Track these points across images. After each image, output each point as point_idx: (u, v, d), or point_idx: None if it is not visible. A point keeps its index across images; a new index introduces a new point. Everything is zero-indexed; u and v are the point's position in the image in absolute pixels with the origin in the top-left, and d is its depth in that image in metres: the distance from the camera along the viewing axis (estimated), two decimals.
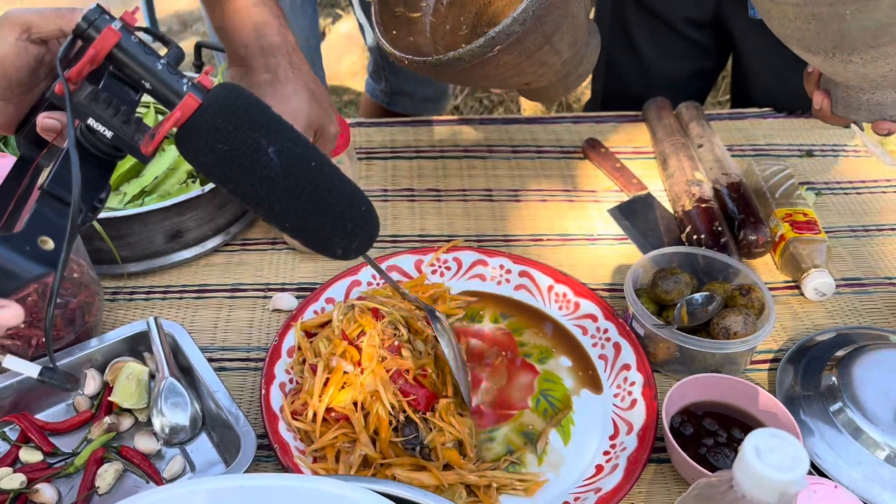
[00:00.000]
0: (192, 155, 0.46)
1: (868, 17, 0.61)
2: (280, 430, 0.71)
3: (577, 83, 0.93)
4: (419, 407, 0.71)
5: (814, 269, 0.88)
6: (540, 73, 0.84)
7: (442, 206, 1.03)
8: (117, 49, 0.43)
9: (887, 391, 0.73)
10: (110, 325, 0.84)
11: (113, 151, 0.46)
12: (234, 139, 0.44)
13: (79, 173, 0.41)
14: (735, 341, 0.75)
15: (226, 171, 0.45)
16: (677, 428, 0.71)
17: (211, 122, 0.44)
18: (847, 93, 0.76)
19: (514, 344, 0.83)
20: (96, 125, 0.44)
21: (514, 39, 0.74)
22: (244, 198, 0.47)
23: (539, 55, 0.80)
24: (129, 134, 0.44)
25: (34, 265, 0.42)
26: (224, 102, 0.45)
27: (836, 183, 1.09)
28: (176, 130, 0.45)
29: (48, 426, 0.72)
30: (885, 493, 0.67)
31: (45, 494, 0.66)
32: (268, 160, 0.45)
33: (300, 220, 0.48)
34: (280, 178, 0.46)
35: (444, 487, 0.67)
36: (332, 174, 0.49)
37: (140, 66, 0.44)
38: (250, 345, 0.83)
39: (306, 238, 0.50)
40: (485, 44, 0.74)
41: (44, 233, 0.42)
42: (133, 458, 0.70)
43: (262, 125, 0.45)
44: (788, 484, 0.39)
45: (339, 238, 0.50)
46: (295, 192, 0.47)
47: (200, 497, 0.49)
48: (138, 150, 0.45)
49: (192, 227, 0.89)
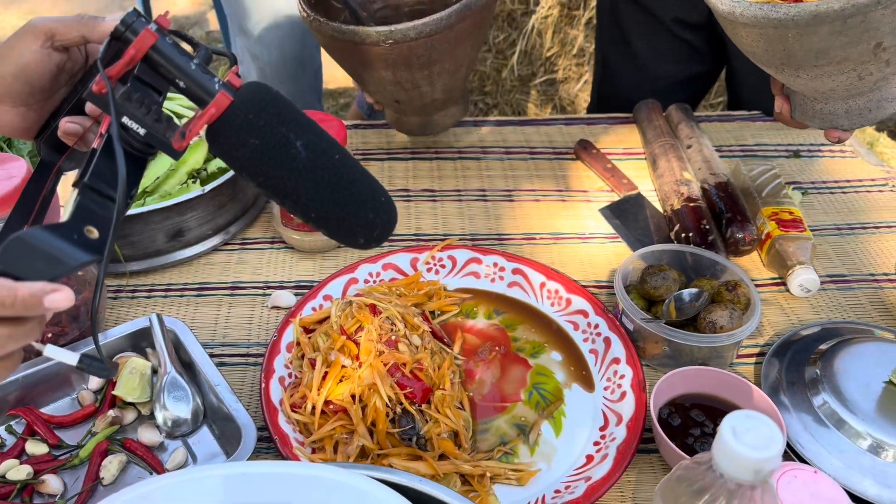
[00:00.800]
0: (225, 150, 0.48)
1: (808, 40, 0.66)
2: (280, 422, 0.73)
3: (432, 130, 1.08)
4: (415, 399, 0.73)
5: (799, 266, 0.90)
6: (411, 95, 0.97)
7: (437, 206, 1.05)
8: (153, 50, 0.45)
9: (869, 383, 0.75)
10: (113, 322, 0.86)
11: (145, 148, 0.47)
12: (265, 133, 0.46)
13: (124, 167, 0.43)
14: (721, 335, 0.78)
15: (257, 165, 0.47)
16: (666, 419, 0.73)
17: (243, 118, 0.46)
18: (803, 100, 0.79)
19: (508, 339, 0.85)
20: (130, 123, 0.46)
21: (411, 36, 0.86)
22: (273, 190, 0.49)
23: (416, 75, 0.92)
24: (161, 131, 0.46)
25: (81, 252, 0.44)
26: (254, 99, 0.47)
27: (821, 182, 1.11)
28: (207, 128, 0.47)
29: (53, 419, 0.74)
30: (866, 481, 0.69)
31: (50, 485, 0.68)
32: (296, 153, 0.47)
33: (325, 211, 0.50)
34: (307, 170, 0.48)
35: (439, 476, 0.69)
36: (355, 167, 0.51)
37: (174, 66, 0.46)
38: (250, 341, 0.85)
39: (330, 227, 0.52)
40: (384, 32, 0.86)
41: (88, 223, 0.44)
42: (136, 450, 0.72)
43: (290, 120, 0.48)
44: (763, 462, 0.41)
45: (362, 227, 0.52)
46: (321, 183, 0.49)
47: (210, 482, 0.50)
48: (170, 145, 0.47)
49: (192, 226, 0.91)
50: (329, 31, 0.90)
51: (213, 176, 0.96)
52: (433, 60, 0.91)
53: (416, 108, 1.01)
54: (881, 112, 0.78)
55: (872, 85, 0.73)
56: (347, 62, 0.95)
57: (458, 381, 0.79)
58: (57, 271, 0.43)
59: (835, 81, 0.71)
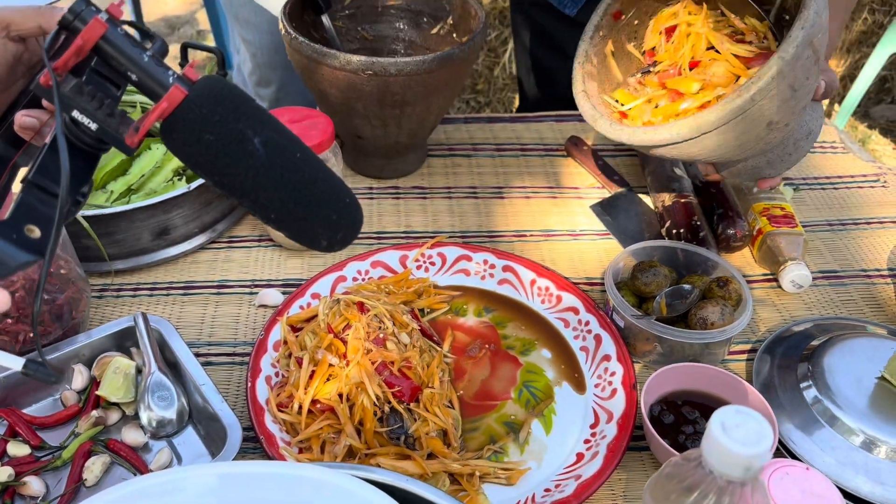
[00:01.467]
0: (179, 146, 0.46)
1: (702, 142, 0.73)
2: (266, 421, 0.72)
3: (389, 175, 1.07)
4: (404, 398, 0.72)
5: (791, 262, 0.89)
6: (376, 133, 0.98)
7: (427, 203, 1.04)
8: (103, 41, 0.44)
9: (861, 379, 0.75)
10: (98, 321, 0.85)
11: (97, 144, 0.46)
12: (220, 129, 0.45)
13: (67, 162, 0.41)
14: (712, 331, 0.77)
15: (212, 162, 0.46)
16: (657, 417, 0.72)
17: (197, 112, 0.45)
18: (726, 163, 0.83)
19: (498, 336, 0.84)
20: (81, 117, 0.44)
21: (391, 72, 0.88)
22: (230, 189, 0.48)
23: (385, 112, 0.94)
24: (114, 126, 0.45)
25: (21, 252, 0.42)
26: (209, 93, 0.45)
27: (813, 178, 1.11)
28: (161, 123, 0.46)
29: (36, 420, 0.73)
30: (859, 478, 0.68)
31: (32, 487, 0.67)
32: (253, 150, 0.46)
33: (285, 211, 0.49)
34: (266, 168, 0.46)
35: (427, 476, 0.68)
36: (317, 166, 0.50)
37: (126, 57, 0.45)
38: (237, 340, 0.84)
39: (291, 229, 0.51)
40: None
41: (30, 221, 0.43)
42: (120, 450, 0.71)
43: (248, 116, 0.46)
44: (753, 458, 0.40)
45: (324, 229, 0.51)
46: (280, 182, 0.47)
47: (194, 483, 0.49)
48: (123, 141, 0.46)
49: (178, 224, 0.90)
50: (309, 51, 0.89)
51: None
52: (406, 101, 0.91)
53: (378, 147, 1.01)
54: (801, 152, 0.81)
55: (782, 138, 0.74)
56: (319, 86, 0.94)
57: (448, 380, 0.78)
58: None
59: (744, 152, 0.75)
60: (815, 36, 0.68)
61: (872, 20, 2.87)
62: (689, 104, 0.79)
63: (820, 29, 0.68)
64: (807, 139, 0.81)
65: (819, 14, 0.68)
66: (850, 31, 2.90)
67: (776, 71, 0.67)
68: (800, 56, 0.67)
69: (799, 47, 0.67)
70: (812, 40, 0.67)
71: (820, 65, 0.71)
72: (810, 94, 0.73)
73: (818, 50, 0.69)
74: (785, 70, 0.67)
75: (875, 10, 2.90)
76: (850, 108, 2.26)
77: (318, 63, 0.89)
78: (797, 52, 0.67)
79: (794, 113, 0.73)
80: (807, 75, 0.70)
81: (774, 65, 0.67)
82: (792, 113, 0.72)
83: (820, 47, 0.70)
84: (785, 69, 0.67)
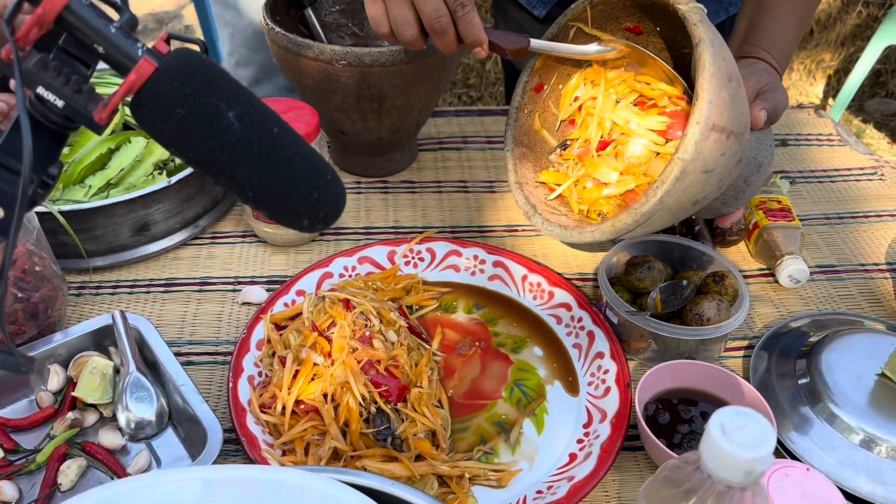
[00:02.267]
0: (149, 121, 0.44)
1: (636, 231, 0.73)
2: (248, 423, 0.69)
3: (374, 173, 1.05)
4: (391, 398, 0.70)
5: (788, 256, 0.87)
6: (357, 128, 0.94)
7: (416, 197, 1.02)
8: (66, 11, 0.42)
9: (860, 375, 0.73)
10: (76, 320, 0.82)
11: (64, 122, 0.44)
12: (192, 103, 0.43)
13: (30, 138, 0.39)
14: (708, 327, 0.75)
15: (185, 137, 0.44)
16: (653, 416, 0.70)
17: (168, 85, 0.43)
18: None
19: (489, 334, 0.82)
20: (46, 94, 0.42)
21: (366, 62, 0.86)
22: (205, 167, 0.46)
23: (364, 106, 0.92)
24: (82, 103, 0.43)
25: None
26: (181, 66, 0.43)
27: (810, 171, 1.09)
28: (131, 98, 0.43)
29: (10, 422, 0.70)
30: (859, 477, 0.66)
31: (5, 492, 0.65)
32: (228, 124, 0.44)
33: (263, 189, 0.47)
34: (242, 143, 0.45)
35: (415, 478, 0.66)
36: (296, 141, 0.48)
37: (91, 29, 0.42)
38: (219, 338, 0.81)
39: (270, 208, 0.49)
40: None
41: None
42: (97, 453, 0.68)
43: (221, 89, 0.44)
44: (754, 462, 0.38)
45: (305, 208, 0.49)
46: (258, 158, 0.46)
47: (171, 487, 0.47)
48: (91, 118, 0.43)
49: (158, 219, 0.87)
50: (285, 41, 0.87)
51: (181, 167, 0.92)
52: (384, 94, 0.89)
53: (360, 143, 0.98)
54: (755, 186, 0.80)
55: (730, 183, 0.74)
56: (298, 78, 0.92)
57: (437, 378, 0.76)
58: None
59: (686, 215, 0.75)
60: (718, 117, 0.64)
61: (867, 13, 2.86)
62: (611, 190, 0.79)
63: (721, 108, 0.64)
64: (758, 173, 0.78)
65: (713, 102, 0.64)
66: (844, 24, 2.88)
67: (679, 171, 0.64)
68: (702, 149, 0.64)
69: (698, 143, 0.64)
70: (713, 125, 0.64)
71: (738, 129, 0.68)
72: (735, 158, 0.70)
73: (727, 125, 0.66)
74: (688, 167, 0.64)
75: (869, 3, 2.89)
76: (845, 102, 2.25)
77: (295, 54, 0.87)
78: (697, 147, 0.64)
79: (722, 180, 0.70)
80: (721, 152, 0.66)
81: (676, 167, 0.64)
82: (717, 186, 0.70)
83: (730, 120, 0.66)
84: (689, 167, 0.64)
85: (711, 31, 0.66)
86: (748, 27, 0.84)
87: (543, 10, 1.15)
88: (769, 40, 0.82)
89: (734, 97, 0.66)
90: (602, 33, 0.79)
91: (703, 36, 0.64)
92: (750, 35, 0.84)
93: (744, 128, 0.69)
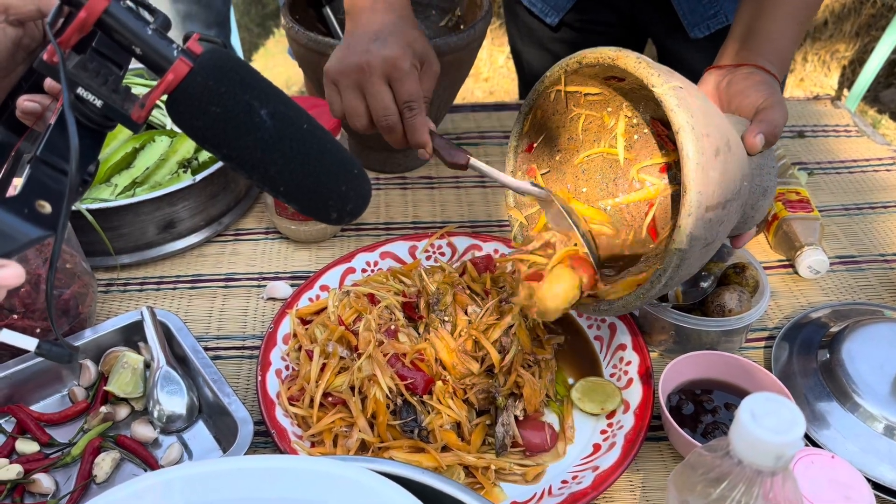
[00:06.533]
0: (185, 119, 0.45)
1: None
2: (277, 415, 0.70)
3: (392, 169, 1.04)
4: (416, 390, 0.71)
5: (807, 247, 0.88)
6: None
7: (435, 192, 1.03)
8: (106, 14, 0.43)
9: (883, 364, 0.73)
10: (104, 316, 0.84)
11: (103, 121, 0.45)
12: (227, 101, 0.44)
13: (76, 137, 0.41)
14: (731, 318, 0.75)
15: (219, 135, 0.45)
16: (676, 406, 0.71)
17: (203, 85, 0.44)
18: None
19: None
20: (86, 94, 0.44)
21: None
22: (239, 162, 0.47)
23: None
24: (119, 102, 0.44)
25: (33, 227, 0.41)
26: (215, 65, 0.44)
27: (827, 163, 1.09)
28: (167, 97, 0.45)
29: (44, 417, 0.72)
30: (883, 465, 0.67)
31: (42, 484, 0.66)
32: (261, 122, 0.45)
33: (295, 183, 0.48)
34: (274, 140, 0.46)
35: (442, 469, 0.67)
36: (325, 137, 0.49)
37: (129, 31, 0.44)
38: (245, 333, 0.83)
39: (301, 202, 0.50)
40: None
41: (41, 197, 0.42)
42: (130, 446, 0.70)
43: (254, 87, 0.45)
44: (785, 446, 0.39)
45: (334, 200, 0.50)
46: (289, 154, 0.47)
47: (203, 478, 0.48)
48: (129, 117, 0.45)
49: (184, 217, 0.89)
50: (306, 40, 0.89)
51: (205, 165, 0.93)
52: None
53: (379, 139, 0.98)
54: (763, 209, 0.76)
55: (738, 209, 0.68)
56: (318, 75, 0.92)
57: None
58: (7, 247, 0.41)
59: (705, 258, 0.69)
60: (709, 199, 0.59)
61: (882, 3, 2.84)
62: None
63: (712, 189, 0.59)
64: (764, 197, 0.75)
65: (701, 191, 0.58)
66: (859, 14, 2.86)
67: (678, 260, 0.60)
68: (697, 234, 0.59)
69: (693, 232, 0.59)
70: (705, 208, 0.59)
71: (734, 194, 0.63)
72: (738, 214, 0.66)
73: (721, 200, 0.61)
74: (687, 253, 0.60)
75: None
76: (860, 93, 2.24)
77: (316, 52, 0.88)
78: (692, 235, 0.59)
79: (727, 231, 0.66)
80: (719, 222, 0.62)
81: (675, 257, 0.60)
82: (724, 235, 0.65)
83: (724, 193, 0.61)
84: (687, 253, 0.60)
85: (689, 112, 0.59)
86: (746, 31, 0.80)
87: (556, 18, 1.15)
88: (769, 46, 0.79)
89: (725, 170, 0.61)
90: (582, 88, 0.75)
91: (683, 123, 0.58)
92: (748, 40, 0.80)
93: (741, 189, 0.65)
